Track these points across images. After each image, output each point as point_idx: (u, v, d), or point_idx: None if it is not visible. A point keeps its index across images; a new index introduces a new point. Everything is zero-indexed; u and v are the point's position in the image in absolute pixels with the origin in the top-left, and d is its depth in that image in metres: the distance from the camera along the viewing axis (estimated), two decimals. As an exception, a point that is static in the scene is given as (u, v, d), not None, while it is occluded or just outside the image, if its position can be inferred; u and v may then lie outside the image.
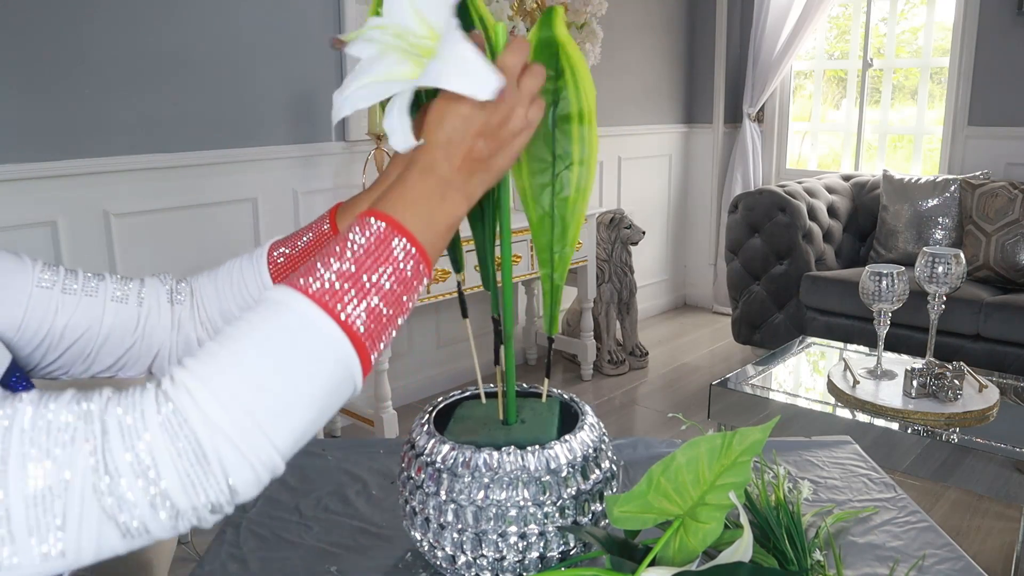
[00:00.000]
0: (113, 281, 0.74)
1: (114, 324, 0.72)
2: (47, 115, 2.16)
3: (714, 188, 4.40)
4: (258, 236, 2.68)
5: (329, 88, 2.79)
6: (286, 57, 2.65)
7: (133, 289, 0.75)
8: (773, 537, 0.78)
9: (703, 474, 0.60)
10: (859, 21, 4.01)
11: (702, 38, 4.27)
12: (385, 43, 0.61)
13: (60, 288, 0.70)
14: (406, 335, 3.16)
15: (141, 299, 0.75)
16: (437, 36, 0.59)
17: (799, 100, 4.36)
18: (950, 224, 3.21)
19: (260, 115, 2.62)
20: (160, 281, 0.77)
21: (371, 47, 0.62)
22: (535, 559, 0.70)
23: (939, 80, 3.81)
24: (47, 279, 0.69)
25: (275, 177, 2.70)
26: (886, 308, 1.92)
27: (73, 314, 0.70)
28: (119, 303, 0.73)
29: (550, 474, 0.69)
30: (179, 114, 2.43)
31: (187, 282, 0.79)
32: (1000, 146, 3.48)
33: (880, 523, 0.88)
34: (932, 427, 1.85)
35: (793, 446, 1.07)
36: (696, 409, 3.02)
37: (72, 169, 2.22)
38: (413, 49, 0.60)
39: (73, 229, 2.25)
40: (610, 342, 3.50)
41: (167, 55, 2.38)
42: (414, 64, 0.60)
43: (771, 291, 3.37)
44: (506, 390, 0.76)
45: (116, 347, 0.73)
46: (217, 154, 2.52)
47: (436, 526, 0.70)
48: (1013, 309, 2.75)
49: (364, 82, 0.60)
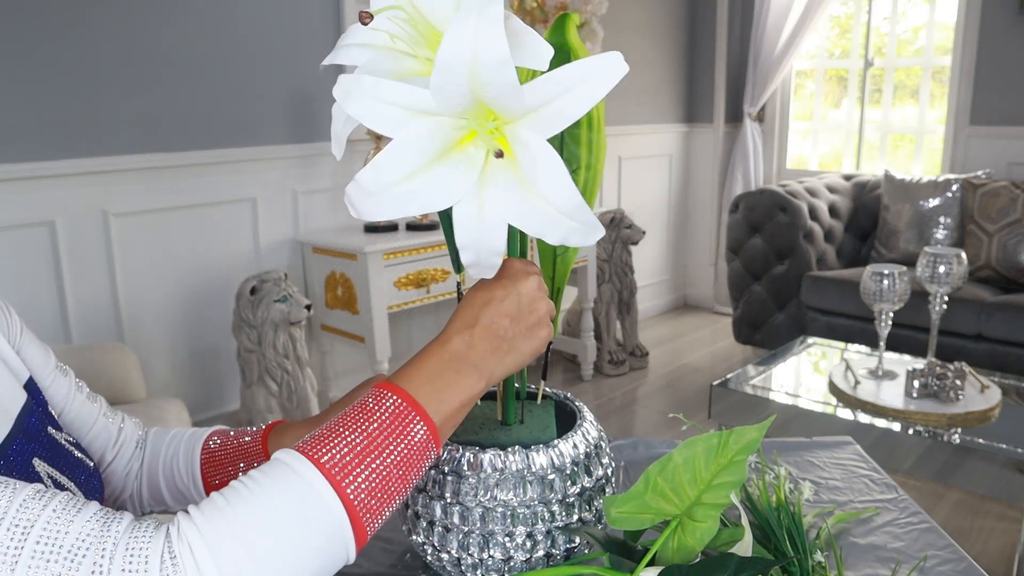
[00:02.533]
0: (104, 403, 0.79)
1: (100, 434, 0.77)
2: (45, 114, 2.16)
3: (715, 188, 4.39)
4: (257, 236, 2.68)
5: (329, 88, 2.77)
6: (286, 57, 2.65)
7: (116, 419, 0.79)
8: (774, 538, 0.77)
9: (700, 473, 0.59)
10: (860, 20, 4.01)
11: (703, 37, 4.27)
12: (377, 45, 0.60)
13: (72, 380, 0.75)
14: (406, 335, 3.16)
15: (121, 427, 0.79)
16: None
17: (800, 99, 4.36)
18: (952, 224, 3.20)
19: (260, 115, 2.62)
20: (134, 424, 0.82)
21: (363, 52, 0.61)
22: (542, 558, 0.69)
23: (940, 79, 3.81)
24: (63, 368, 0.75)
25: (274, 177, 2.70)
26: (887, 308, 1.91)
27: (80, 412, 0.75)
28: (108, 420, 0.78)
29: (556, 472, 0.68)
30: (178, 114, 2.43)
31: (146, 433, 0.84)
32: (1002, 145, 3.47)
33: (881, 524, 0.87)
34: (934, 428, 1.85)
35: (794, 447, 1.07)
36: (697, 409, 3.02)
37: (70, 169, 2.21)
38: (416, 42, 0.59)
39: (71, 229, 2.25)
40: (610, 342, 3.49)
41: (166, 54, 2.37)
42: (420, 61, 0.59)
43: (772, 291, 3.37)
44: (505, 391, 0.76)
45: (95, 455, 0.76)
46: (216, 154, 2.52)
47: (441, 529, 0.69)
48: (1015, 309, 2.74)
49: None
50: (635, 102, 4.04)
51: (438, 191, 0.53)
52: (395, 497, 0.56)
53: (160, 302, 2.48)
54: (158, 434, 0.83)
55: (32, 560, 0.45)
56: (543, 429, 0.75)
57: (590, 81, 0.51)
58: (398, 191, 0.52)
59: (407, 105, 0.52)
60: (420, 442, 0.57)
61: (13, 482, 0.48)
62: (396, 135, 0.52)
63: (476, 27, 0.49)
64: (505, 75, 0.50)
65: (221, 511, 0.49)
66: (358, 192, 0.53)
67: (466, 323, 0.61)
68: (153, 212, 2.42)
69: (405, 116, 0.52)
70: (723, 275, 3.99)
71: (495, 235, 0.55)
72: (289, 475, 0.52)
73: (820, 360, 2.47)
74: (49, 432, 0.64)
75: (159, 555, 0.47)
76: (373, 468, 0.54)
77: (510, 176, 0.54)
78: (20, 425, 0.60)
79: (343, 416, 0.56)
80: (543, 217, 0.54)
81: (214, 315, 2.59)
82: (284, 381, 2.34)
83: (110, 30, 2.25)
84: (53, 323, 2.25)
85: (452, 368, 0.60)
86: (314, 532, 0.51)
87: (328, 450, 0.53)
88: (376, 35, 0.60)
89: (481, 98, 0.52)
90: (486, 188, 0.54)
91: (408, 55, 0.60)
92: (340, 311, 2.70)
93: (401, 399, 0.57)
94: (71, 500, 0.49)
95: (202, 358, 2.62)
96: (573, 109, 0.52)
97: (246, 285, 2.31)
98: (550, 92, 0.52)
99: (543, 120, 0.52)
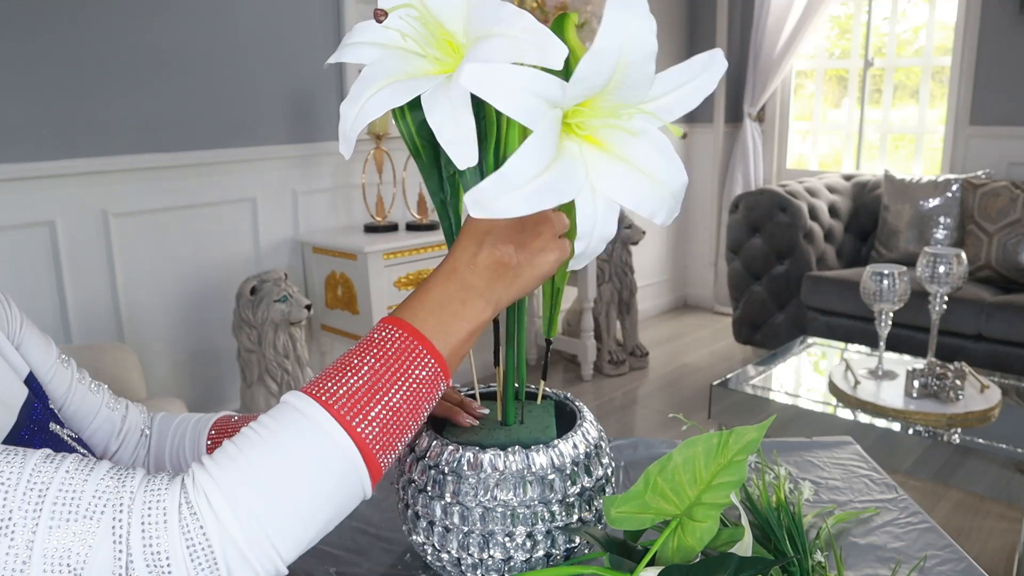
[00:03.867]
0: (107, 392, 0.78)
1: (102, 425, 0.76)
2: (45, 114, 2.16)
3: (715, 188, 4.39)
4: (257, 236, 2.68)
5: (329, 88, 2.78)
6: (286, 57, 2.65)
7: (120, 407, 0.79)
8: (774, 538, 0.77)
9: (700, 473, 0.59)
10: (860, 20, 4.01)
11: (703, 37, 4.27)
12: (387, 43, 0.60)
13: (74, 371, 0.74)
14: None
15: (124, 417, 0.79)
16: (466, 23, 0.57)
17: (800, 99, 4.35)
18: (952, 224, 3.20)
19: (260, 115, 2.62)
20: (139, 411, 0.81)
21: (371, 51, 0.61)
22: (541, 558, 0.69)
23: (941, 79, 3.81)
24: (65, 359, 0.74)
25: (274, 177, 2.70)
26: (887, 308, 1.91)
27: (82, 404, 0.74)
28: (110, 410, 0.77)
29: (556, 472, 0.68)
30: (178, 114, 2.43)
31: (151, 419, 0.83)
32: (1002, 146, 3.47)
33: (881, 524, 0.87)
34: (934, 428, 1.85)
35: (794, 447, 1.07)
36: (697, 409, 3.02)
37: (70, 169, 2.21)
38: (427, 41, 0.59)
39: (71, 229, 2.25)
40: (610, 342, 3.49)
41: (166, 54, 2.37)
42: (429, 60, 0.59)
43: (772, 291, 3.37)
44: (505, 391, 0.76)
45: (98, 448, 0.76)
46: (216, 154, 2.52)
47: (441, 529, 0.69)
48: (1015, 309, 2.74)
49: (382, 84, 0.59)
50: (635, 102, 4.03)
51: (566, 182, 0.54)
52: (407, 430, 0.56)
53: (160, 302, 2.48)
54: (164, 420, 0.82)
55: (52, 520, 0.45)
56: (543, 429, 0.75)
57: (704, 75, 0.57)
58: (537, 184, 0.53)
59: (546, 95, 0.53)
60: (428, 375, 0.56)
61: (22, 450, 0.49)
62: (535, 126, 0.52)
63: (627, 20, 0.52)
64: (647, 67, 0.54)
65: (234, 460, 0.50)
66: (500, 187, 0.51)
67: (469, 252, 0.59)
68: (153, 212, 2.42)
69: (543, 107, 0.53)
70: (723, 275, 3.99)
71: (609, 221, 0.58)
72: (298, 418, 0.52)
73: (820, 360, 2.47)
74: (51, 428, 0.64)
75: (176, 506, 0.47)
76: (383, 404, 0.54)
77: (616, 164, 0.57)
78: (23, 420, 0.60)
79: (349, 353, 0.56)
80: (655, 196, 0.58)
81: (214, 315, 2.59)
82: (284, 381, 2.34)
83: (110, 30, 2.25)
84: (53, 323, 2.25)
85: (457, 298, 0.58)
86: (328, 473, 0.51)
87: (336, 389, 0.53)
88: (386, 34, 0.60)
89: (615, 87, 0.54)
90: (595, 178, 0.57)
91: (417, 54, 0.60)
92: (340, 311, 2.70)
93: (407, 332, 0.57)
94: (83, 460, 0.49)
95: (202, 358, 2.62)
96: (692, 97, 0.57)
97: (246, 285, 2.31)
98: (672, 84, 0.57)
99: (666, 106, 0.57)
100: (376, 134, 2.71)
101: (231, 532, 0.48)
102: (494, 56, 0.53)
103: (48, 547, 0.45)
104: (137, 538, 0.46)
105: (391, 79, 0.59)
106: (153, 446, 0.81)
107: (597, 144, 0.56)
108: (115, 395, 0.79)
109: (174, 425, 0.82)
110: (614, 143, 0.57)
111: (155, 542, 0.46)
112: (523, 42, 0.52)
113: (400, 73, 0.59)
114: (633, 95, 0.55)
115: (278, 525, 0.49)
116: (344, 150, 0.63)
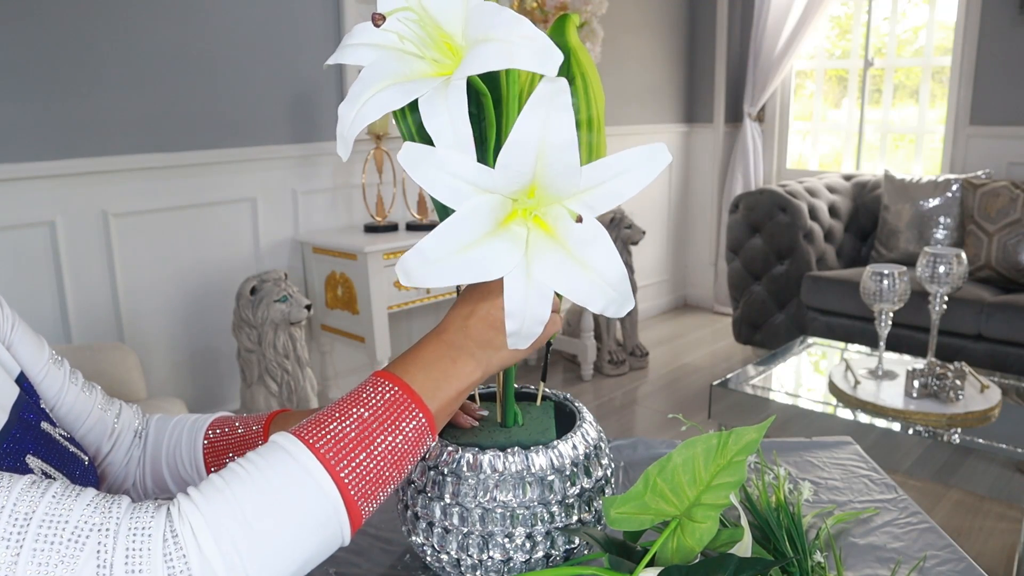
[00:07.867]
0: (100, 393, 0.78)
1: (95, 426, 0.76)
2: (45, 114, 2.16)
3: (715, 188, 4.39)
4: (257, 236, 2.68)
5: (329, 88, 2.78)
6: (286, 57, 2.65)
7: (113, 408, 0.78)
8: (774, 538, 0.77)
9: (699, 474, 0.59)
10: (860, 20, 4.01)
11: (703, 37, 4.27)
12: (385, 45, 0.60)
13: (67, 372, 0.74)
14: (406, 335, 3.16)
15: (118, 417, 0.78)
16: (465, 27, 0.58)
17: (800, 99, 4.35)
18: (952, 224, 3.20)
19: (260, 115, 2.62)
20: (133, 412, 0.81)
21: (370, 52, 0.61)
22: (541, 559, 0.69)
23: (940, 79, 3.81)
24: (58, 360, 0.74)
25: (274, 177, 2.70)
26: (887, 308, 1.91)
27: (74, 405, 0.74)
28: (103, 411, 0.77)
29: (555, 473, 0.68)
30: (178, 114, 2.43)
31: (148, 420, 0.83)
32: (1002, 146, 3.47)
33: (881, 524, 0.87)
34: (933, 428, 1.85)
35: (794, 447, 1.07)
36: (697, 409, 3.02)
37: (70, 169, 2.21)
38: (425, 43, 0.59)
39: (71, 229, 2.25)
40: (610, 342, 3.49)
41: (166, 54, 2.37)
42: (427, 63, 0.59)
43: (772, 291, 3.37)
44: (505, 392, 0.76)
45: (91, 448, 0.76)
46: (216, 154, 2.52)
47: (440, 530, 0.69)
48: (1015, 309, 2.74)
49: (380, 86, 0.59)
50: (635, 102, 4.04)
51: (492, 261, 0.56)
52: (389, 483, 0.57)
53: (160, 302, 2.48)
54: (161, 421, 0.82)
55: (36, 545, 0.45)
56: (543, 430, 0.75)
57: (640, 168, 0.56)
58: (456, 260, 0.55)
59: (472, 180, 0.56)
60: (415, 430, 0.58)
61: (8, 475, 0.49)
62: (458, 207, 0.55)
63: (547, 113, 0.54)
64: (569, 157, 0.55)
65: (220, 492, 0.50)
66: (419, 259, 0.55)
67: (462, 314, 0.62)
68: (153, 212, 2.42)
69: (468, 190, 0.56)
70: (723, 275, 3.99)
71: (542, 304, 0.58)
72: (285, 459, 0.53)
73: (820, 360, 2.47)
74: (43, 427, 0.64)
75: (161, 535, 0.48)
76: (368, 453, 0.55)
77: (556, 251, 0.57)
78: (14, 419, 0.60)
79: (340, 402, 0.57)
80: (592, 287, 0.58)
81: (214, 315, 2.59)
82: (284, 381, 2.34)
83: (110, 30, 2.25)
84: (53, 323, 2.25)
85: (448, 357, 0.61)
86: (309, 514, 0.52)
87: (324, 435, 0.54)
88: (384, 35, 0.60)
89: (542, 176, 0.56)
90: (533, 261, 0.57)
91: (416, 56, 0.60)
92: (340, 311, 2.70)
93: (397, 387, 0.58)
94: (68, 487, 0.49)
95: (202, 358, 2.62)
96: (623, 191, 0.57)
97: (246, 285, 2.31)
98: (603, 175, 0.57)
99: (595, 199, 0.57)
100: (376, 134, 2.71)
101: (212, 565, 0.48)
102: (489, 62, 0.54)
103: (30, 571, 0.45)
104: (120, 565, 0.46)
105: (389, 81, 0.59)
106: (150, 447, 0.81)
107: (546, 230, 0.58)
108: (108, 396, 0.79)
109: (171, 426, 0.81)
110: (558, 230, 0.57)
111: (138, 570, 0.46)
112: (520, 48, 0.53)
113: (398, 75, 0.59)
114: (564, 184, 0.56)
115: (258, 562, 0.49)
116: (342, 151, 0.63)
